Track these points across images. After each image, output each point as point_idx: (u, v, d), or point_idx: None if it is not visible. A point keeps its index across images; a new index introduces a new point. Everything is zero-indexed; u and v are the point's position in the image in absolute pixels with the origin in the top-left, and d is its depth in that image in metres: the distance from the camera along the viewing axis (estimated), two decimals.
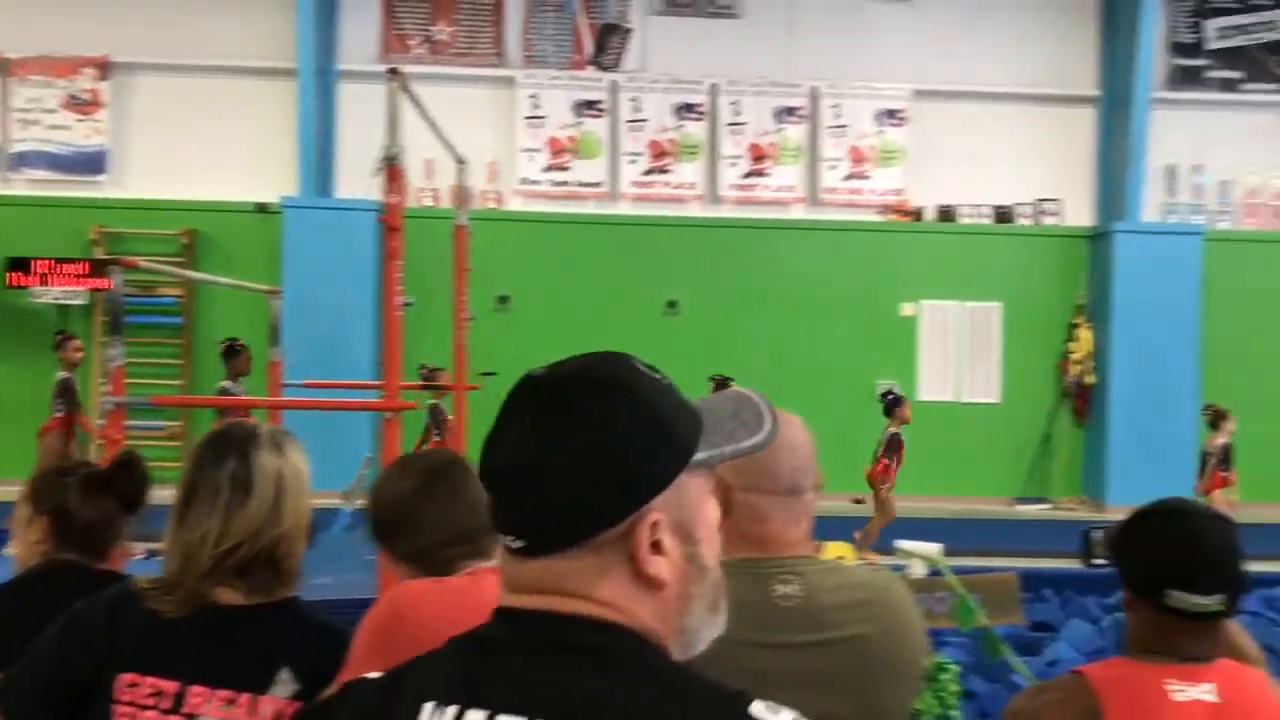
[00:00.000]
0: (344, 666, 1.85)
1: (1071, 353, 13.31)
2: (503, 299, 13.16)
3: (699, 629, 1.12)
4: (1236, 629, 2.31)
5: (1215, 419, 10.70)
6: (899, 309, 13.44)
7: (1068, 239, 13.56)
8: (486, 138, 13.15)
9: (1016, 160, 13.62)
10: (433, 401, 10.82)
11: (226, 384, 9.78)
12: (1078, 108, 13.66)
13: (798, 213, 13.57)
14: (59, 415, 9.59)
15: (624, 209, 13.49)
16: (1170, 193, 13.56)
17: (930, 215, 13.61)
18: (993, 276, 13.45)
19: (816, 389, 12.62)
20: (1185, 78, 13.62)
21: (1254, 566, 9.02)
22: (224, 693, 1.84)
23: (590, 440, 1.07)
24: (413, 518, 2.10)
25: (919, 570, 3.97)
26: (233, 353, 9.88)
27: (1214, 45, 13.58)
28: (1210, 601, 1.96)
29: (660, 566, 1.08)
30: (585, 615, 1.07)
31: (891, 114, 13.52)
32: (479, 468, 1.12)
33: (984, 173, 13.55)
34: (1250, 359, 13.25)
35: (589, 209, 13.43)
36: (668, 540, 1.09)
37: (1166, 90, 13.51)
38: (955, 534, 10.90)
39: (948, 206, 13.59)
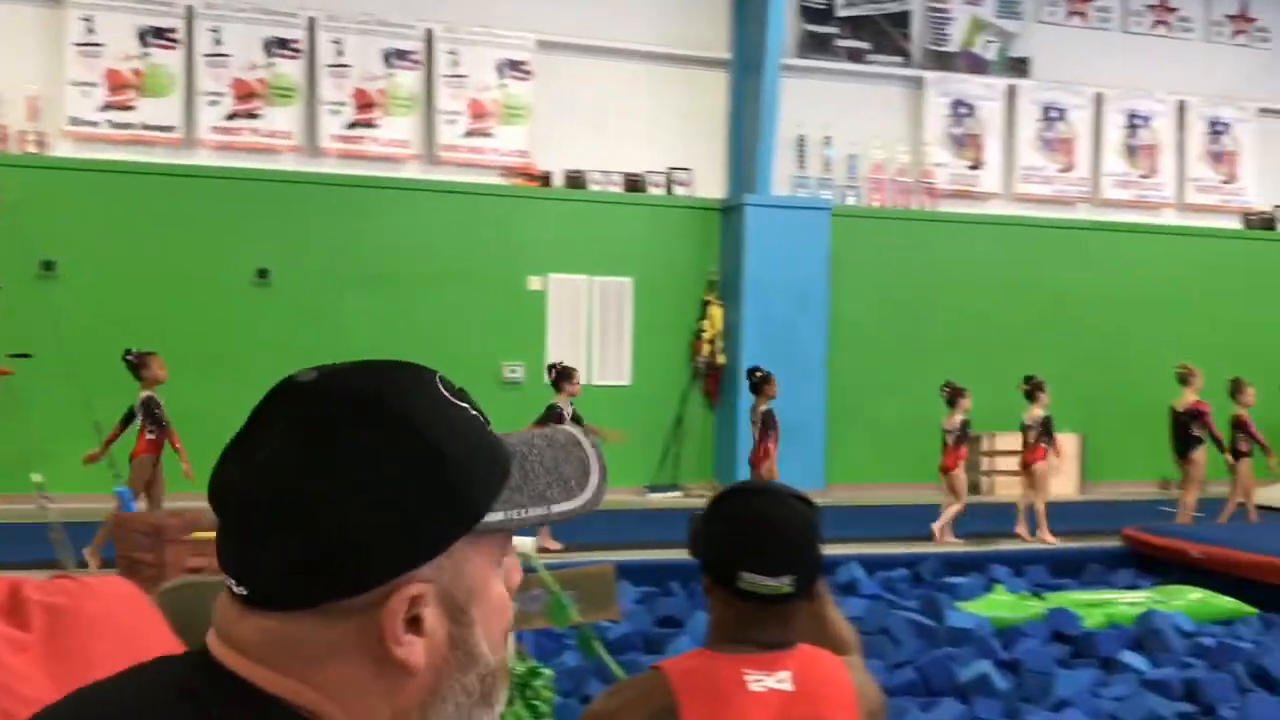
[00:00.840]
0: None
1: (703, 331, 12.86)
2: (47, 265, 11.05)
3: None
4: (834, 615, 2.34)
5: (953, 397, 10.63)
6: (526, 283, 12.50)
7: (700, 211, 13.13)
8: (27, 67, 11.21)
9: (649, 125, 13.06)
10: None
11: None
12: (710, 71, 13.21)
13: (411, 171, 12.36)
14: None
15: (203, 159, 11.70)
16: (800, 165, 13.34)
17: (558, 181, 12.80)
18: (624, 249, 12.86)
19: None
20: (815, 45, 13.41)
21: (892, 549, 8.54)
22: None
23: (347, 481, 0.89)
24: None
25: None
26: None
27: (843, 13, 13.43)
28: (780, 583, 1.97)
29: (413, 650, 0.92)
30: (290, 703, 0.90)
31: (515, 65, 12.48)
32: (209, 481, 0.93)
33: (615, 137, 12.92)
34: (873, 339, 13.29)
35: (158, 157, 11.53)
36: (431, 617, 0.92)
37: (797, 57, 13.26)
38: (583, 527, 10.34)
39: (577, 172, 12.81)
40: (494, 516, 0.95)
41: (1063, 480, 13.32)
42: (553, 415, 9.66)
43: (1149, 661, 6.76)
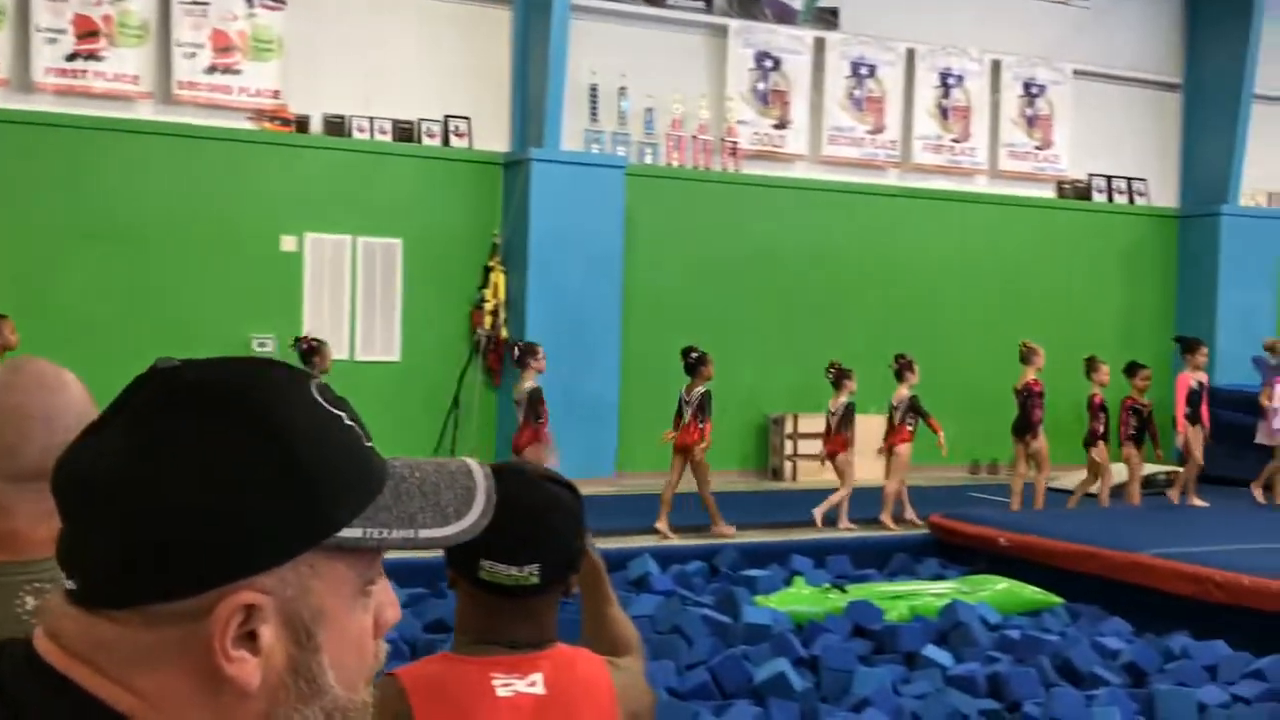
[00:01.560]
0: None
1: (485, 301, 12.60)
2: None
3: None
4: (616, 613, 2.35)
5: (838, 378, 10.87)
6: (279, 243, 12.00)
7: (480, 165, 12.87)
8: None
9: (422, 67, 12.72)
10: None
11: None
12: (492, 8, 12.94)
13: (143, 112, 11.71)
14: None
15: None
16: (593, 118, 13.17)
17: (316, 127, 12.37)
18: (393, 207, 12.50)
19: (174, 345, 10.79)
20: None
21: (689, 541, 8.52)
22: None
23: (186, 471, 0.90)
24: None
25: None
26: None
27: None
28: (524, 573, 1.97)
29: (244, 668, 0.91)
30: (107, 705, 0.91)
31: None
32: (53, 467, 0.95)
33: (383, 79, 12.54)
34: (672, 311, 13.27)
35: None
36: (268, 635, 0.92)
37: None
38: None
39: (338, 118, 12.39)
40: (351, 532, 0.95)
41: (864, 464, 13.60)
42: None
43: (953, 656, 6.87)
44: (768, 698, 6.07)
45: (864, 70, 14.44)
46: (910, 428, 11.07)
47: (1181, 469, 11.77)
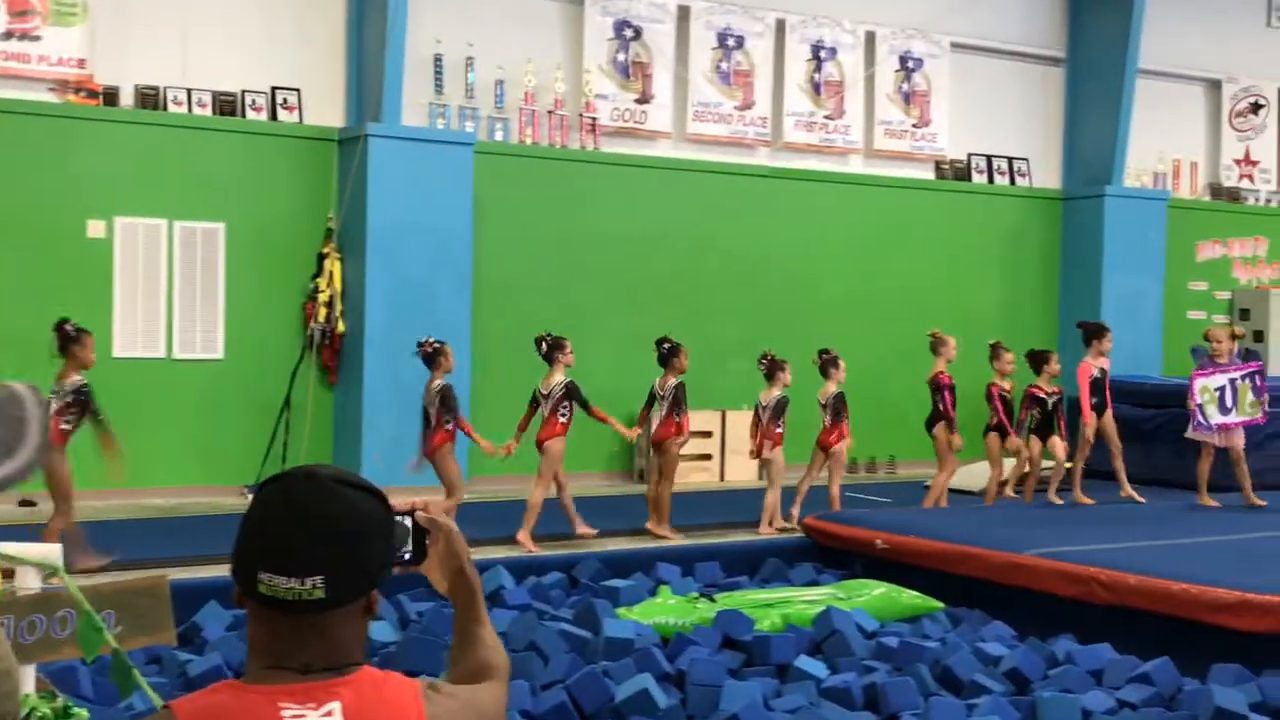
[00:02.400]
0: None
1: (319, 291, 12.47)
2: None
3: None
4: (485, 634, 2.32)
5: (771, 370, 11.19)
6: (85, 228, 11.75)
7: (312, 142, 12.76)
8: None
9: (246, 34, 12.60)
10: None
11: None
12: None
13: None
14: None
15: None
16: (438, 91, 13.12)
17: (127, 99, 12.14)
18: (214, 188, 12.34)
19: None
20: None
21: (547, 551, 8.57)
22: None
23: None
24: None
25: (32, 582, 3.71)
26: None
27: None
28: (305, 587, 1.91)
29: None
30: None
31: None
32: None
33: (202, 47, 12.35)
34: (527, 301, 13.29)
35: None
36: None
37: None
38: (162, 538, 9.87)
39: (151, 89, 12.20)
40: None
41: (739, 464, 13.80)
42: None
43: (827, 667, 7.01)
44: (630, 717, 6.12)
45: (731, 41, 14.62)
46: (836, 426, 11.37)
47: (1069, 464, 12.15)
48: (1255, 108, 18.25)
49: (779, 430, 11.19)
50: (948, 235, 15.82)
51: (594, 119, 13.81)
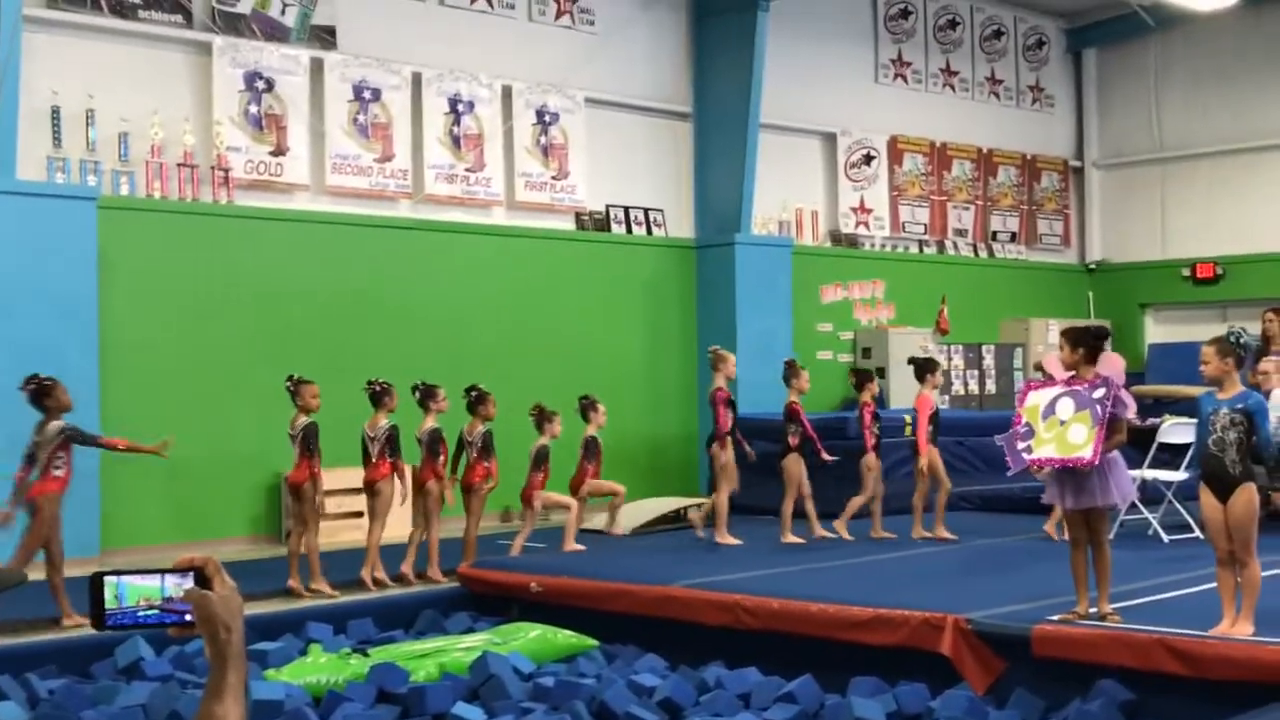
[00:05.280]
0: None
1: None
2: None
3: None
4: (216, 710, 2.09)
5: (539, 421, 11.48)
6: None
7: None
8: None
9: None
10: None
11: None
12: None
13: None
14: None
15: None
16: (56, 144, 12.35)
17: None
18: None
19: None
20: None
21: None
22: None
23: None
24: None
25: None
26: None
27: None
28: None
29: None
30: None
31: None
32: None
33: None
34: (160, 362, 12.65)
35: None
36: None
37: (47, 7, 12.29)
38: None
39: None
40: None
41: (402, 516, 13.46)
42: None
43: (485, 711, 6.88)
44: None
45: (367, 94, 14.39)
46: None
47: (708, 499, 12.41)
48: (867, 159, 19.33)
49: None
50: (591, 284, 16.01)
51: (227, 171, 13.29)
